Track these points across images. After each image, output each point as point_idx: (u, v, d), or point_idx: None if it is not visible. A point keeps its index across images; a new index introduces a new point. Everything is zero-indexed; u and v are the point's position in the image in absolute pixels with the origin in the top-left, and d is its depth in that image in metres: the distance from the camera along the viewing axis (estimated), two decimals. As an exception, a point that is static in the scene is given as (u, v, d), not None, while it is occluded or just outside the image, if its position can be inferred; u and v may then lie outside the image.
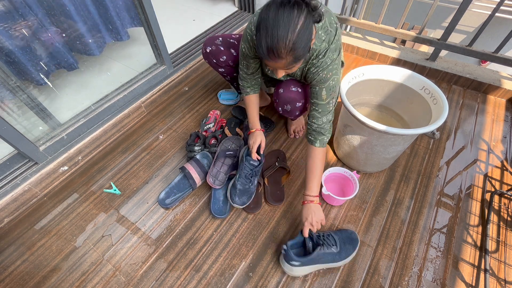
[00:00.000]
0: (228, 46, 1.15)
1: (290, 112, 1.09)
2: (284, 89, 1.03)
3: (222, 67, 1.19)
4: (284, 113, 1.11)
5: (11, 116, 1.12)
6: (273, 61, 0.72)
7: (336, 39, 0.86)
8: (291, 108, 1.06)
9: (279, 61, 0.71)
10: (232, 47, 1.16)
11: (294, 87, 1.02)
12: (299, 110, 1.07)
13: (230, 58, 1.16)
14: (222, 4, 2.13)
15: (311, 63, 0.88)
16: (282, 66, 0.74)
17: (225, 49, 1.14)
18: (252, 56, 0.97)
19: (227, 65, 1.18)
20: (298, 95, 1.02)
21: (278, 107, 1.10)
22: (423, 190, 1.13)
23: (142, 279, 0.94)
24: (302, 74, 0.96)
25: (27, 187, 1.13)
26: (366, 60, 1.78)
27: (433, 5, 1.46)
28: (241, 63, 1.03)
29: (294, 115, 1.11)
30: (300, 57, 0.72)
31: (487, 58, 1.43)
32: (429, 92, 1.02)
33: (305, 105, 1.06)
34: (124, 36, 1.47)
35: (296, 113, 1.09)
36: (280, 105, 1.08)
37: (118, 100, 1.35)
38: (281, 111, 1.10)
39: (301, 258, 0.85)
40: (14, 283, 0.95)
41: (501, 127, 1.35)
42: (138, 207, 1.12)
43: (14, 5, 1.05)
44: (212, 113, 1.40)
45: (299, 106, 1.05)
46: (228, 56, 1.15)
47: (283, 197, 1.11)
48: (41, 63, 1.22)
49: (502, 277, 0.91)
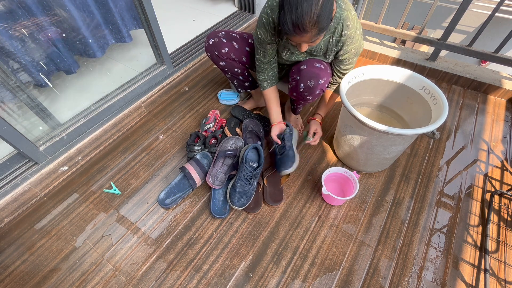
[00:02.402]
0: (231, 39, 1.17)
1: (311, 90, 1.02)
2: (307, 65, 1.01)
3: (224, 60, 1.19)
4: (305, 91, 1.04)
5: (11, 116, 1.12)
6: (299, 36, 0.76)
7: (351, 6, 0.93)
8: (314, 84, 1.00)
9: (305, 35, 0.75)
10: (234, 40, 1.17)
11: (318, 64, 1.01)
12: (319, 89, 1.02)
13: (231, 50, 1.17)
14: (222, 4, 2.13)
15: (336, 38, 0.95)
16: (307, 40, 0.78)
17: (227, 41, 1.16)
18: (269, 41, 1.00)
19: (228, 57, 1.18)
20: (322, 71, 1.00)
21: (300, 83, 1.03)
22: (423, 190, 1.13)
23: (142, 279, 0.94)
24: (329, 47, 0.98)
25: (27, 187, 1.13)
26: (366, 60, 1.78)
27: (433, 5, 1.46)
28: (257, 52, 1.07)
29: (314, 94, 1.04)
30: (324, 29, 0.75)
31: (487, 58, 1.43)
32: (429, 92, 1.02)
33: (325, 85, 1.02)
34: (127, 38, 1.47)
35: (317, 91, 1.03)
36: (302, 81, 1.01)
37: (118, 100, 1.35)
38: (303, 88, 1.03)
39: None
40: (14, 283, 0.95)
41: (501, 127, 1.35)
42: (138, 207, 1.12)
43: (15, 6, 1.05)
44: (212, 113, 1.40)
45: (322, 83, 1.01)
46: (230, 48, 1.16)
47: (281, 198, 1.11)
48: (42, 64, 1.22)
49: (502, 277, 0.91)
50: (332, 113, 1.45)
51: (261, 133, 1.27)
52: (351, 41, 0.94)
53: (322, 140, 1.32)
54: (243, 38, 1.20)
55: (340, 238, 1.01)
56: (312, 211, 1.08)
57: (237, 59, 1.19)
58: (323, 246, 0.99)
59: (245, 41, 1.19)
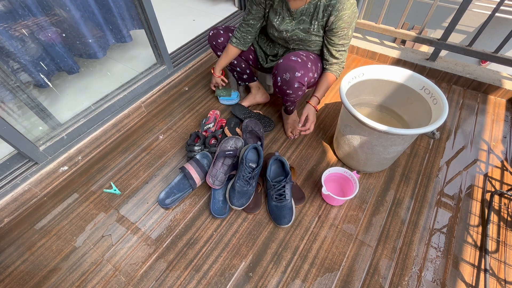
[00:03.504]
0: (227, 31, 1.26)
1: (288, 83, 1.03)
2: (283, 59, 1.05)
3: (220, 50, 1.28)
4: (283, 85, 1.06)
5: (11, 116, 1.12)
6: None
7: None
8: (290, 77, 1.02)
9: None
10: (231, 32, 1.26)
11: (294, 57, 1.04)
12: (297, 82, 1.03)
13: (226, 40, 1.25)
14: (222, 4, 2.13)
15: (325, 2, 0.97)
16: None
17: (224, 33, 1.25)
18: (257, 2, 1.09)
19: (224, 47, 1.26)
20: (297, 64, 1.02)
21: (277, 77, 1.06)
22: (423, 190, 1.13)
23: (142, 279, 0.94)
24: (317, 10, 1.00)
25: (27, 187, 1.13)
26: (366, 60, 1.78)
27: (433, 5, 1.46)
28: (246, 9, 1.16)
29: (293, 87, 1.05)
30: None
31: (487, 58, 1.43)
32: (429, 92, 1.02)
33: (304, 78, 1.03)
34: (128, 38, 1.47)
35: (295, 84, 1.03)
36: (279, 74, 1.05)
37: (118, 100, 1.35)
38: (280, 81, 1.06)
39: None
40: (14, 283, 0.95)
41: (501, 127, 1.35)
42: (138, 207, 1.12)
43: (15, 5, 1.05)
44: (212, 113, 1.40)
45: (299, 76, 1.01)
46: (225, 39, 1.25)
47: (303, 195, 1.11)
48: (42, 64, 1.22)
49: (502, 277, 0.91)
50: (332, 113, 1.45)
51: (261, 133, 1.27)
52: (342, 6, 0.95)
53: (322, 140, 1.32)
54: None
55: (340, 238, 1.01)
56: (312, 211, 1.08)
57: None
58: (323, 246, 0.99)
59: None
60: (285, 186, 1.03)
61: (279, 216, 1.01)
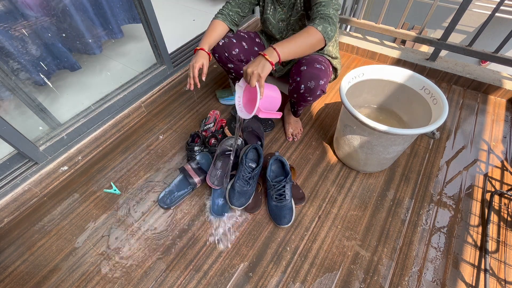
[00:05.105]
0: (240, 39, 1.15)
1: (312, 91, 1.02)
2: (307, 66, 1.01)
3: (233, 62, 1.16)
4: (305, 92, 1.03)
5: (11, 116, 1.12)
6: None
7: None
8: (315, 85, 1.00)
9: None
10: (243, 40, 1.16)
11: (318, 65, 1.01)
12: (320, 90, 1.02)
13: (241, 51, 1.15)
14: (222, 4, 2.12)
15: None
16: None
17: (237, 42, 1.13)
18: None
19: (238, 59, 1.16)
20: (321, 72, 1.00)
21: (301, 84, 1.02)
22: (423, 190, 1.13)
23: (142, 279, 0.94)
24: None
25: (27, 187, 1.13)
26: (366, 60, 1.78)
27: (433, 5, 1.46)
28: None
29: (314, 95, 1.04)
30: None
31: (487, 58, 1.43)
32: (429, 92, 1.02)
33: (325, 85, 1.03)
34: (118, 34, 1.46)
35: (317, 92, 1.03)
36: (303, 82, 1.01)
37: (118, 100, 1.35)
38: (303, 89, 1.02)
39: None
40: (14, 283, 0.95)
41: (501, 127, 1.35)
42: (138, 207, 1.12)
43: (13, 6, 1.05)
44: (212, 113, 1.40)
45: (322, 84, 1.01)
46: (240, 49, 1.14)
47: (303, 195, 1.11)
48: (41, 63, 1.22)
49: (502, 277, 0.91)
50: (332, 113, 1.45)
51: (261, 133, 1.27)
52: None
53: (322, 140, 1.32)
54: (251, 38, 1.19)
55: (340, 238, 1.01)
56: (312, 211, 1.08)
57: (246, 60, 1.17)
58: (323, 246, 0.99)
59: (253, 40, 1.19)
60: (285, 186, 1.03)
61: (279, 216, 1.01)
